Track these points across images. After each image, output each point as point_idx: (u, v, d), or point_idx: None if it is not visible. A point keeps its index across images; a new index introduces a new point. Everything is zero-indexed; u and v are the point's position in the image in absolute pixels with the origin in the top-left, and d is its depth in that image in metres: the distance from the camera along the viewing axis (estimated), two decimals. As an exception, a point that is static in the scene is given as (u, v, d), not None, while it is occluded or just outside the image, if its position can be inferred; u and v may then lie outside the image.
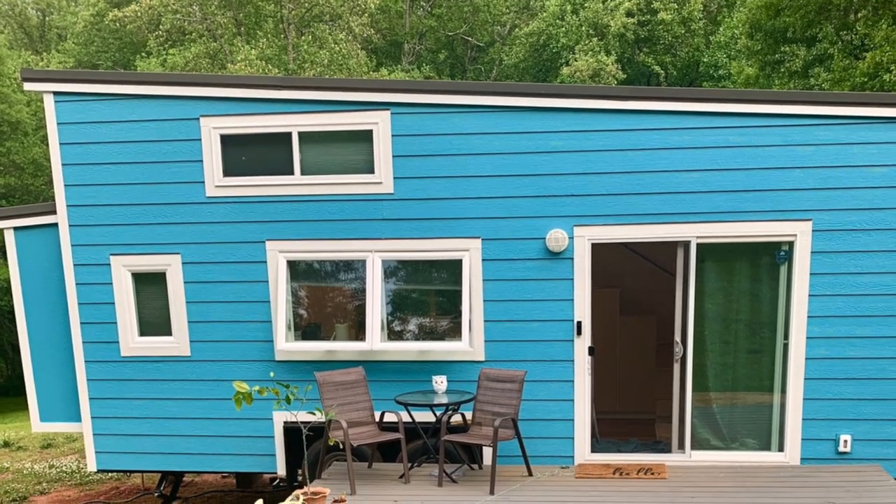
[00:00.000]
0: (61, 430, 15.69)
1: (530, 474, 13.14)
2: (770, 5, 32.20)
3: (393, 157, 13.51)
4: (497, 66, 56.14)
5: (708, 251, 13.30)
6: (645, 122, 13.03)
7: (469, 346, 13.66)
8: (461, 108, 13.37)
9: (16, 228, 14.66)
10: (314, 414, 12.05)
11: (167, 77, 14.39)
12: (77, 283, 14.32)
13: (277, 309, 13.92)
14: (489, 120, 13.31)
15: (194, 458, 14.67)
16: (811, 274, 12.89)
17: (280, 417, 14.11)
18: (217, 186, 13.87)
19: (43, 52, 56.60)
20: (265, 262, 13.92)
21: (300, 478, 14.20)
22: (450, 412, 13.06)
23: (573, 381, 13.68)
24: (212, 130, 13.77)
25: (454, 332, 13.85)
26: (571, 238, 13.28)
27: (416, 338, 14.13)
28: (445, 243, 13.58)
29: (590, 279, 13.46)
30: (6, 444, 23.43)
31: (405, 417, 13.11)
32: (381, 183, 13.58)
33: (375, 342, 13.75)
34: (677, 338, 13.65)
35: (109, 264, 14.23)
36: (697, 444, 13.75)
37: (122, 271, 14.23)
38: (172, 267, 14.15)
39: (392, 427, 13.17)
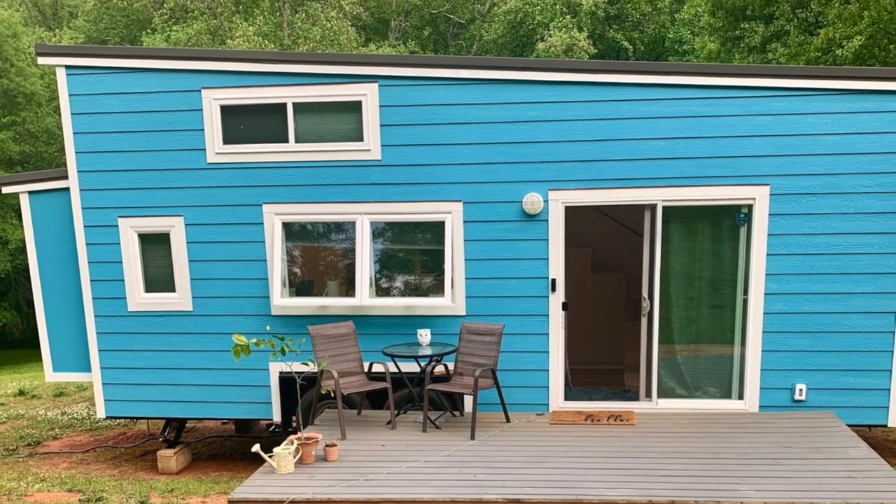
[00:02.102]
0: (73, 379, 15.65)
1: (508, 421, 13.14)
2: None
3: (381, 126, 13.46)
4: (477, 42, 55.98)
5: (673, 213, 13.26)
6: (615, 93, 12.99)
7: (451, 301, 13.66)
8: (444, 81, 13.31)
9: (30, 192, 14.63)
10: (307, 365, 12.03)
11: (171, 52, 14.32)
12: (87, 244, 14.29)
13: (273, 267, 13.89)
14: (470, 92, 13.25)
15: (196, 405, 14.66)
16: (769, 235, 12.88)
17: (276, 368, 14.13)
18: (217, 153, 13.82)
19: (55, 29, 56.16)
20: (262, 223, 13.88)
21: (294, 424, 14.14)
22: (433, 363, 13.03)
23: (548, 335, 13.68)
24: (212, 101, 13.72)
25: (437, 289, 13.82)
26: (546, 201, 13.24)
27: (402, 294, 14.10)
28: (429, 206, 13.54)
29: (563, 239, 13.43)
30: (21, 393, 23.41)
31: (392, 368, 13.13)
32: (369, 150, 13.53)
33: (364, 298, 13.71)
34: (645, 294, 13.63)
35: (117, 226, 14.19)
36: (663, 393, 13.76)
37: (129, 232, 14.18)
38: (176, 228, 14.10)
39: (380, 377, 13.18)
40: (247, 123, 13.80)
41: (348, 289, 14.06)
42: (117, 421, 18.61)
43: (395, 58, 14.07)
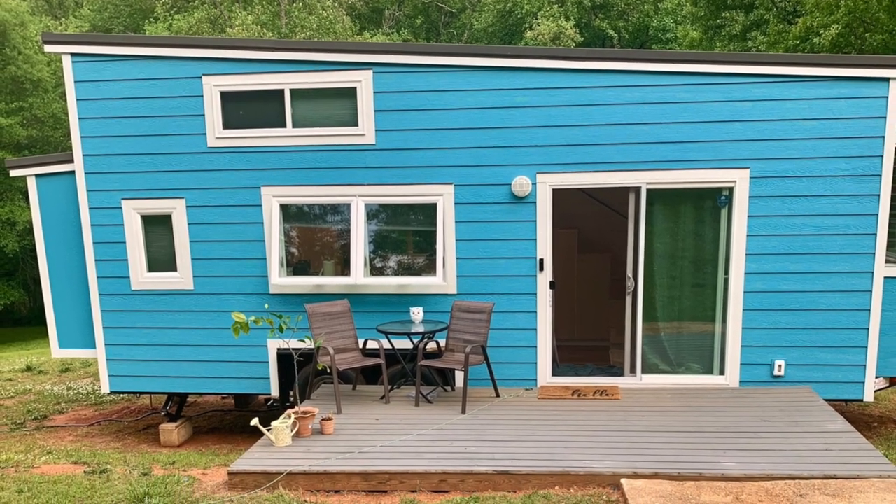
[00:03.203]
0: (78, 355, 15.59)
1: (498, 395, 13.16)
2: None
3: (375, 111, 13.43)
4: (468, 30, 56.08)
5: (657, 196, 13.24)
6: (600, 80, 12.96)
7: (443, 280, 13.65)
8: (436, 68, 13.27)
9: (37, 175, 14.61)
10: (304, 342, 12.05)
11: (173, 40, 14.27)
12: (92, 225, 14.27)
13: (271, 247, 13.86)
14: (461, 78, 13.22)
15: (197, 381, 14.65)
16: (749, 216, 12.88)
17: (274, 345, 14.13)
18: (217, 138, 13.78)
19: (61, 18, 56.13)
20: (260, 205, 13.85)
21: (292, 399, 14.22)
22: (426, 340, 13.02)
23: (536, 312, 13.67)
24: (213, 88, 13.68)
25: (429, 268, 13.80)
26: (534, 184, 13.23)
27: (396, 273, 14.06)
28: (422, 189, 13.52)
29: (551, 221, 13.40)
30: (29, 369, 23.42)
31: (386, 345, 13.16)
32: (364, 135, 13.50)
33: (359, 277, 13.70)
34: (629, 273, 13.62)
35: (121, 208, 14.16)
36: (647, 369, 13.76)
37: (132, 214, 14.14)
38: (177, 210, 14.07)
39: (374, 353, 13.21)
40: (246, 109, 13.76)
41: (344, 268, 14.04)
42: (121, 396, 18.66)
43: (389, 46, 14.03)
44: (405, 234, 14.23)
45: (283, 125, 13.69)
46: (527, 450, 10.40)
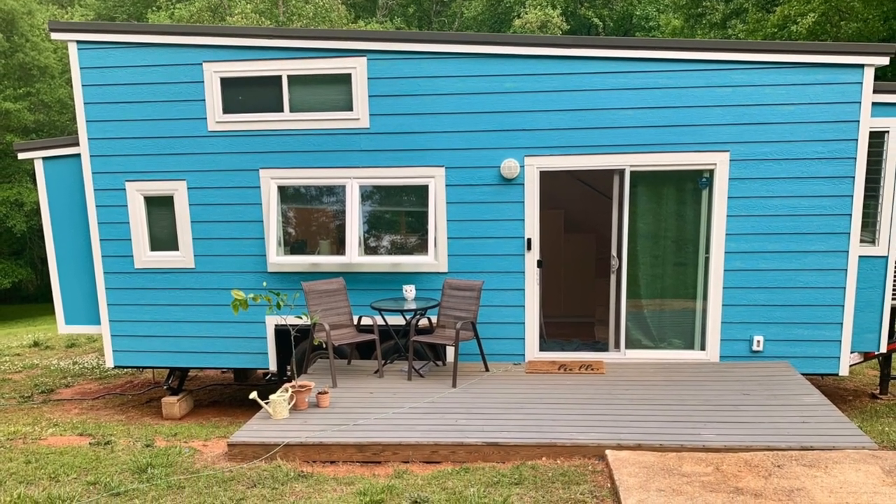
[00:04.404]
0: (83, 331, 15.56)
1: (487, 370, 13.16)
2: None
3: (369, 96, 13.39)
4: (458, 19, 56.10)
5: (640, 178, 13.21)
6: (586, 66, 12.92)
7: (434, 259, 13.62)
8: (428, 55, 13.23)
9: (44, 158, 14.61)
10: (301, 318, 12.11)
11: (175, 28, 14.21)
12: (97, 206, 14.24)
13: (269, 227, 13.82)
14: (452, 65, 13.18)
15: (198, 355, 14.62)
16: (729, 197, 12.85)
17: (272, 321, 14.09)
18: (217, 122, 13.75)
19: (67, 6, 56.02)
20: (259, 187, 13.82)
21: (289, 373, 14.20)
22: (418, 316, 13.02)
23: (524, 290, 13.65)
24: (213, 74, 13.64)
25: (421, 248, 13.77)
26: (522, 167, 13.20)
27: (389, 252, 14.03)
28: (414, 171, 13.47)
29: (538, 202, 13.36)
30: (36, 344, 23.35)
31: (379, 321, 13.22)
32: (358, 119, 13.45)
33: (354, 256, 13.67)
34: (614, 252, 13.60)
35: (125, 189, 14.12)
36: (631, 344, 13.75)
37: (135, 195, 14.11)
38: (179, 191, 14.03)
39: (368, 329, 13.27)
40: (245, 94, 13.72)
41: (339, 247, 14.01)
42: (125, 370, 18.69)
43: (383, 33, 13.98)
44: (398, 215, 14.19)
45: (281, 110, 13.65)
46: (515, 422, 10.38)
